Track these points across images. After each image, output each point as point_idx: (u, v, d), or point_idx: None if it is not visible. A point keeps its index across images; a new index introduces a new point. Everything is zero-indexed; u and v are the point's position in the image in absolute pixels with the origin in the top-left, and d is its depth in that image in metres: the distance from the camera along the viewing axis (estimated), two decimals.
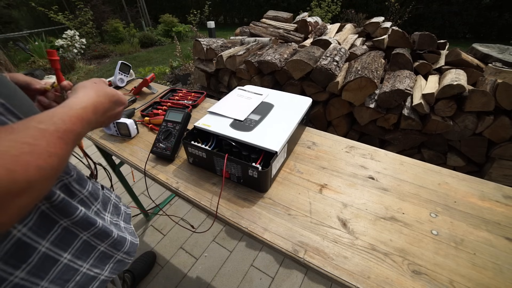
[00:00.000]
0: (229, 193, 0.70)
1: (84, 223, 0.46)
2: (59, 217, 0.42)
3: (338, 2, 4.76)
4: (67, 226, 0.44)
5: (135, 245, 0.62)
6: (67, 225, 0.44)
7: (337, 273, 0.51)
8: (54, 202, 0.40)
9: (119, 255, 0.56)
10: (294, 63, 1.54)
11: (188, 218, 1.66)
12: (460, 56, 1.51)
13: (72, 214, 0.44)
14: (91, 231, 0.48)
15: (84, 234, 0.47)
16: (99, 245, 0.51)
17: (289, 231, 0.59)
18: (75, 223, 0.45)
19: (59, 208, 0.41)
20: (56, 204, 0.41)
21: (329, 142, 0.88)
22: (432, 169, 0.75)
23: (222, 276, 1.33)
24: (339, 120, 1.61)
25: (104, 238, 0.52)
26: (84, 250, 0.48)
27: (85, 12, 5.64)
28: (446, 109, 1.29)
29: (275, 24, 2.32)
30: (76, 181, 0.46)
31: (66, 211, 0.43)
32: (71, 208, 0.43)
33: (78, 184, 0.47)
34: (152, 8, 8.64)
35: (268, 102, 0.89)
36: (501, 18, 5.94)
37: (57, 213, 0.42)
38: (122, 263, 0.58)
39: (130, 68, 1.36)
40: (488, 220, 0.60)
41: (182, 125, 0.84)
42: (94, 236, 0.49)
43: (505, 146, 1.26)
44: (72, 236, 0.45)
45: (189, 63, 3.61)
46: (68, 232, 0.44)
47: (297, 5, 7.15)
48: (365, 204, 0.65)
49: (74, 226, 0.45)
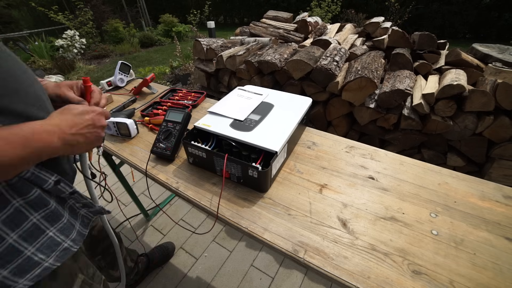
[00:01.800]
0: (229, 193, 0.70)
1: (37, 202, 0.47)
2: (13, 196, 0.43)
3: (338, 2, 4.75)
4: (19, 206, 0.44)
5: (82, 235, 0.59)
6: (19, 205, 0.44)
7: (337, 273, 0.51)
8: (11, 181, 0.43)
9: (66, 243, 0.54)
10: (294, 63, 1.54)
11: (188, 218, 1.66)
12: (460, 56, 1.51)
13: (27, 193, 0.45)
14: (42, 211, 0.48)
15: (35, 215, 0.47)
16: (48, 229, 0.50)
17: (289, 231, 0.59)
18: (28, 203, 0.45)
19: (15, 187, 0.43)
20: (13, 183, 0.43)
21: (329, 142, 0.88)
22: (432, 169, 0.75)
23: (222, 276, 1.33)
24: (339, 120, 1.61)
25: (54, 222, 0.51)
26: (33, 233, 0.47)
27: (85, 12, 5.64)
28: (446, 109, 1.29)
29: (275, 24, 2.32)
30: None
31: (21, 191, 0.44)
32: (26, 187, 0.45)
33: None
34: (152, 8, 8.64)
35: (268, 102, 0.89)
36: (501, 18, 5.94)
37: (11, 192, 0.43)
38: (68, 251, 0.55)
39: (130, 68, 1.36)
40: (488, 220, 0.60)
41: (182, 125, 0.84)
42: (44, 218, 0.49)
43: (505, 146, 1.26)
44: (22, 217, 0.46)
45: (189, 63, 3.61)
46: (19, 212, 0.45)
47: (297, 5, 7.15)
48: (365, 204, 0.65)
49: (26, 206, 0.45)
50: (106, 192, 0.74)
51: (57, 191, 0.51)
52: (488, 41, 2.04)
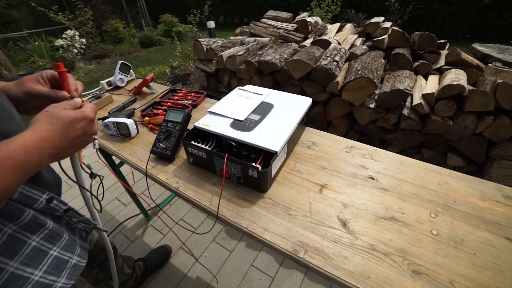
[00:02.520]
0: (229, 193, 0.70)
1: (32, 225, 0.43)
2: (3, 223, 0.40)
3: (338, 2, 4.75)
4: (13, 232, 0.41)
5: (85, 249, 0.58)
6: (12, 231, 0.41)
7: (337, 273, 0.51)
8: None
9: (73, 259, 0.52)
10: (294, 63, 1.54)
11: (188, 218, 1.66)
12: (460, 56, 1.51)
13: (19, 217, 0.41)
14: (41, 233, 0.45)
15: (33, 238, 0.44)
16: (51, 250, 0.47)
17: (289, 231, 0.59)
18: (22, 227, 0.42)
19: (2, 212, 0.39)
20: (0, 209, 0.39)
21: (329, 142, 0.88)
22: (432, 169, 0.75)
23: (222, 276, 1.33)
24: (339, 120, 1.61)
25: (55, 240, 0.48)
26: (36, 257, 0.44)
27: (85, 12, 5.64)
28: (446, 109, 1.29)
29: (275, 24, 2.32)
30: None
31: (11, 215, 0.40)
32: (17, 211, 0.41)
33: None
34: (152, 8, 8.64)
35: (268, 102, 0.89)
36: (501, 18, 5.94)
37: (0, 219, 0.39)
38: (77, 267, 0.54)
39: (130, 68, 1.36)
40: (488, 220, 0.60)
41: (182, 125, 0.84)
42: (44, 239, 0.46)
43: (505, 146, 1.26)
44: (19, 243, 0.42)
45: (189, 63, 3.61)
46: (14, 238, 0.42)
47: (297, 5, 7.15)
48: (365, 204, 0.65)
49: (21, 231, 0.42)
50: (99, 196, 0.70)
51: (50, 210, 0.46)
52: (488, 41, 2.04)
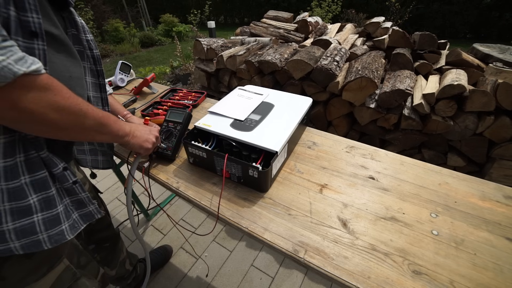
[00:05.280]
0: (230, 193, 0.70)
1: (40, 183, 0.51)
2: (24, 173, 0.49)
3: (339, 2, 4.75)
4: (23, 183, 0.49)
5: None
6: (24, 182, 0.49)
7: (337, 273, 0.51)
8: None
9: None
10: (294, 63, 1.53)
11: (188, 218, 1.66)
12: (460, 56, 1.51)
13: (37, 171, 0.50)
14: (40, 194, 0.51)
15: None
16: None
17: (289, 231, 0.59)
18: (32, 182, 0.50)
19: (30, 162, 0.49)
20: (31, 158, 0.49)
21: (329, 142, 0.88)
22: (433, 169, 0.75)
23: (222, 276, 1.33)
24: (339, 120, 1.61)
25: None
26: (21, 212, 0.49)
27: (85, 12, 5.64)
28: (446, 109, 1.29)
29: (276, 24, 2.32)
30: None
31: (32, 168, 0.50)
32: (38, 166, 0.51)
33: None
34: (153, 8, 8.65)
35: (268, 102, 0.89)
36: (501, 18, 5.93)
37: (24, 167, 0.49)
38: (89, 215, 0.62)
39: (131, 68, 1.36)
40: (489, 220, 0.60)
41: (183, 125, 0.84)
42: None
43: (506, 146, 1.26)
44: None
45: (190, 63, 3.61)
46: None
47: (298, 5, 7.15)
48: (366, 204, 0.65)
49: (29, 185, 0.49)
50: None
51: (62, 178, 0.54)
52: (489, 41, 2.03)
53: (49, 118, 0.43)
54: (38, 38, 0.42)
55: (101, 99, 0.71)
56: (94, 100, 0.69)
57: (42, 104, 0.41)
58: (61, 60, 0.51)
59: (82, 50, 0.62)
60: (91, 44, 0.65)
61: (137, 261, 1.19)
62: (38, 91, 0.40)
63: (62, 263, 0.59)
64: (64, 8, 0.55)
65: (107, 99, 0.72)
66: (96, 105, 0.70)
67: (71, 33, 0.59)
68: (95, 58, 0.66)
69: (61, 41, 0.51)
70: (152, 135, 0.73)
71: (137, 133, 0.68)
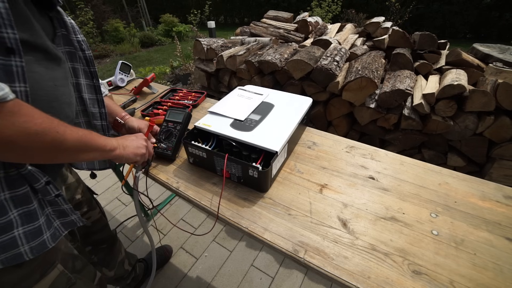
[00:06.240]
0: (230, 193, 0.70)
1: (21, 199, 0.50)
2: (3, 189, 0.48)
3: (339, 2, 4.75)
4: (3, 199, 0.48)
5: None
6: (3, 199, 0.48)
7: (337, 273, 0.51)
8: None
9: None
10: (294, 63, 1.53)
11: (188, 218, 1.66)
12: (460, 56, 1.51)
13: (18, 188, 0.49)
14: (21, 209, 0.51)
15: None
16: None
17: (289, 231, 0.59)
18: (12, 198, 0.49)
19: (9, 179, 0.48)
20: (11, 175, 0.48)
21: (329, 142, 0.88)
22: (433, 169, 0.75)
23: (222, 276, 1.33)
24: (339, 120, 1.61)
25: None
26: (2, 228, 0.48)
27: (85, 12, 5.64)
28: (446, 109, 1.29)
29: (276, 24, 2.32)
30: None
31: (13, 184, 0.48)
32: (20, 182, 0.49)
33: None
34: (153, 8, 8.64)
35: (268, 102, 0.89)
36: (501, 18, 5.93)
37: (4, 184, 0.48)
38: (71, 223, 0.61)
39: (131, 68, 1.36)
40: (489, 221, 0.60)
41: (183, 125, 0.84)
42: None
43: (506, 146, 1.26)
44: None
45: (190, 63, 3.61)
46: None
47: (298, 5, 7.15)
48: (366, 204, 0.65)
49: (8, 201, 0.49)
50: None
51: (44, 191, 0.52)
52: (489, 41, 2.03)
53: (20, 145, 0.40)
54: (15, 55, 0.40)
55: (97, 100, 0.70)
56: (90, 102, 0.68)
57: (8, 132, 0.38)
58: (44, 69, 0.49)
59: (73, 51, 0.61)
60: (82, 45, 0.63)
61: (136, 261, 1.19)
62: (4, 118, 0.38)
63: (56, 269, 0.58)
64: (51, 8, 0.53)
65: (103, 101, 0.71)
66: (93, 107, 0.69)
67: (61, 33, 0.57)
68: (87, 60, 0.65)
69: (42, 49, 0.48)
70: (140, 139, 0.70)
71: (126, 143, 0.65)
